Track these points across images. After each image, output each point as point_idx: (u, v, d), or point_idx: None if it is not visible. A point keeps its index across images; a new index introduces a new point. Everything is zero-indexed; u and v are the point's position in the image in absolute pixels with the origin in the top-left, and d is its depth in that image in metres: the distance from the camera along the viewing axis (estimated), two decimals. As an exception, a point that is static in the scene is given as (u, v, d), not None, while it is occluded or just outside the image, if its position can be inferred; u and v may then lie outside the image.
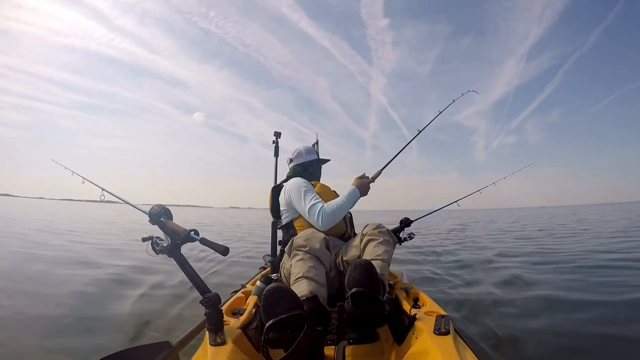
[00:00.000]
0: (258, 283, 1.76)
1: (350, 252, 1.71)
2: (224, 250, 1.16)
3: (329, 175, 2.55)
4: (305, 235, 1.55)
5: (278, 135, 2.67)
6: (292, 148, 2.22)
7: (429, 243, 7.59)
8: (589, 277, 3.76)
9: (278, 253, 2.17)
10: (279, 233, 2.17)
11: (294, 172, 2.12)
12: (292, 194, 1.90)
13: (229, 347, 1.07)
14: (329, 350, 1.23)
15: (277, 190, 2.11)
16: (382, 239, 1.63)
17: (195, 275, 1.17)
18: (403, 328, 1.32)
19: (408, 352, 1.16)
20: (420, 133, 2.25)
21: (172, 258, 1.16)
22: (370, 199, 2.01)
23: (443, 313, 1.29)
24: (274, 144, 2.66)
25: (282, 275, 1.79)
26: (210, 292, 1.14)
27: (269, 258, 2.35)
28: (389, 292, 1.71)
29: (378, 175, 2.05)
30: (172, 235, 1.15)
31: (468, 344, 1.16)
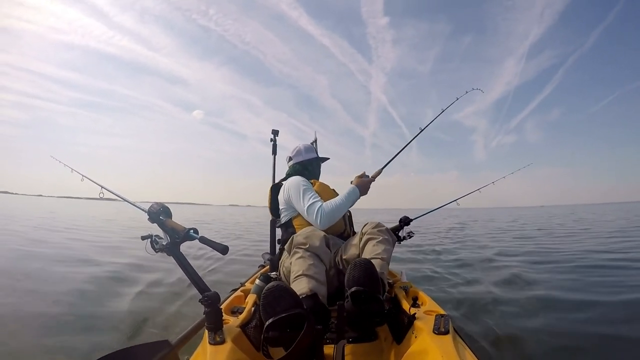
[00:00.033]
0: (257, 281, 1.75)
1: (350, 251, 1.70)
2: (224, 249, 1.15)
3: (329, 174, 2.54)
4: (306, 233, 1.54)
5: (276, 133, 2.67)
6: (291, 146, 2.20)
7: (428, 242, 7.60)
8: (587, 276, 3.77)
9: (277, 251, 2.16)
10: (278, 231, 2.16)
11: (294, 170, 2.11)
12: (291, 193, 1.89)
13: (228, 345, 1.07)
14: (329, 349, 1.23)
15: (276, 189, 2.10)
16: (381, 238, 1.62)
17: (195, 274, 1.17)
18: (402, 327, 1.32)
19: (407, 351, 1.16)
20: (421, 131, 2.24)
21: (171, 256, 1.16)
22: (370, 198, 2.00)
23: (442, 312, 1.29)
24: (272, 142, 2.65)
25: (281, 274, 1.79)
26: (210, 290, 1.14)
27: (268, 256, 2.34)
28: (388, 290, 1.71)
29: (378, 174, 2.04)
30: (171, 234, 1.15)
31: (467, 344, 1.16)
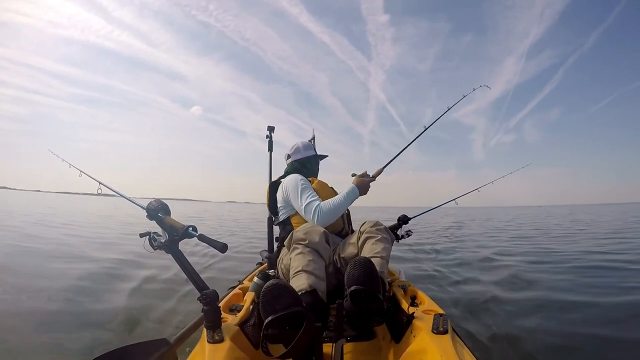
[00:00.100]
0: (255, 279, 1.74)
1: (348, 249, 1.69)
2: (222, 247, 1.14)
3: (327, 171, 2.53)
4: (305, 229, 1.54)
5: (272, 130, 2.66)
6: (290, 143, 2.19)
7: (427, 241, 7.62)
8: (583, 277, 3.80)
9: (275, 249, 2.16)
10: (276, 229, 2.15)
11: (292, 168, 2.10)
12: (289, 191, 1.88)
13: (227, 344, 1.06)
14: (327, 348, 1.23)
15: (274, 187, 2.09)
16: (380, 237, 1.61)
17: (193, 272, 1.16)
18: (401, 326, 1.32)
19: (406, 350, 1.16)
20: (421, 130, 2.23)
21: (169, 254, 1.15)
22: (368, 195, 1.99)
23: (441, 312, 1.29)
24: (268, 139, 2.65)
25: (279, 271, 1.78)
26: (208, 288, 1.13)
27: (266, 254, 2.34)
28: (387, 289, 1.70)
29: (379, 174, 2.02)
30: (169, 231, 1.14)
31: (466, 343, 1.16)
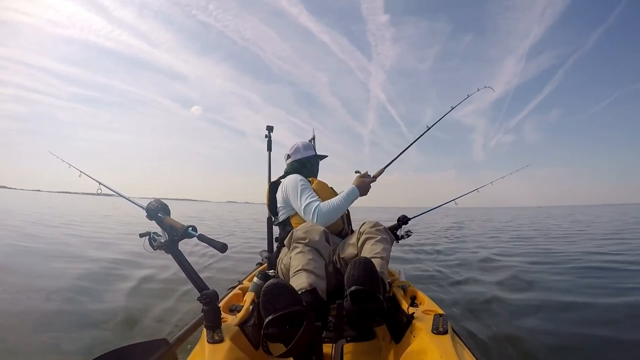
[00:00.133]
0: (255, 279, 1.74)
1: (347, 250, 1.69)
2: (222, 247, 1.14)
3: (328, 171, 2.53)
4: (305, 228, 1.54)
5: (270, 129, 2.66)
6: (290, 143, 2.18)
7: (427, 241, 7.62)
8: (582, 278, 3.80)
9: (274, 249, 2.16)
10: (276, 229, 2.15)
11: (292, 168, 2.10)
12: (288, 191, 1.88)
13: (227, 344, 1.06)
14: (327, 348, 1.23)
15: (274, 187, 2.08)
16: (379, 237, 1.61)
17: (193, 272, 1.16)
18: (401, 326, 1.32)
19: (406, 350, 1.16)
20: (421, 130, 2.23)
21: (169, 254, 1.15)
22: (368, 196, 1.99)
23: (441, 312, 1.29)
24: (267, 138, 2.65)
25: (279, 271, 1.78)
26: (208, 288, 1.13)
27: (266, 254, 2.34)
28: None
29: (380, 174, 2.02)
30: (169, 231, 1.14)
31: (466, 344, 1.16)
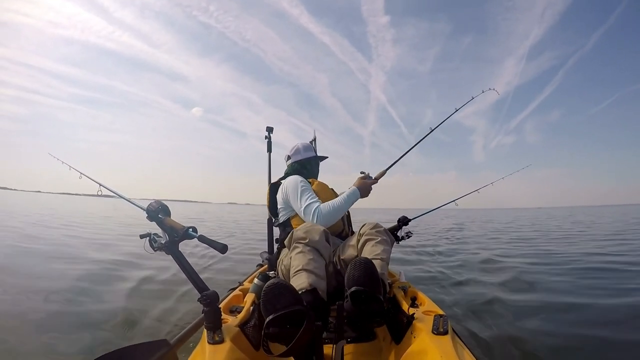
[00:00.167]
0: (256, 281, 1.75)
1: (348, 251, 1.69)
2: (223, 248, 1.15)
3: (328, 172, 2.53)
4: (305, 228, 1.54)
5: (270, 130, 2.66)
6: (290, 144, 2.19)
7: (427, 242, 7.62)
8: (583, 279, 3.79)
9: (275, 250, 2.16)
10: (276, 231, 2.16)
11: (292, 169, 2.10)
12: (288, 192, 1.88)
13: (227, 345, 1.06)
14: (328, 349, 1.23)
15: (275, 188, 2.09)
16: (380, 239, 1.61)
17: (193, 273, 1.16)
18: (401, 327, 1.32)
19: (407, 351, 1.16)
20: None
21: (170, 255, 1.15)
22: (369, 197, 1.99)
23: (441, 313, 1.29)
24: (267, 139, 2.66)
25: (279, 272, 1.78)
26: (208, 289, 1.13)
27: (266, 255, 2.34)
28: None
29: (382, 176, 2.01)
30: (170, 232, 1.14)
31: (466, 344, 1.16)
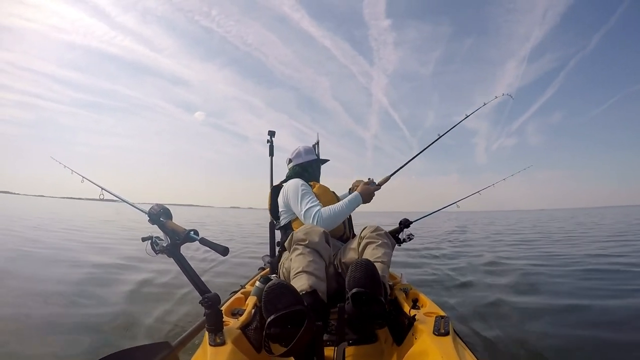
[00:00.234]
0: (257, 283, 1.75)
1: (348, 254, 1.69)
2: (224, 251, 1.15)
3: (330, 175, 2.53)
4: (305, 229, 1.55)
5: (272, 134, 2.67)
6: (292, 148, 2.19)
7: (428, 244, 7.60)
8: (585, 280, 3.78)
9: (276, 254, 2.16)
10: (278, 234, 2.16)
11: (293, 172, 2.11)
12: (289, 196, 1.88)
13: (229, 347, 1.06)
14: (329, 351, 1.22)
15: (276, 191, 2.09)
16: (380, 242, 1.62)
17: (195, 275, 1.17)
18: (402, 329, 1.32)
19: (408, 352, 1.16)
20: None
21: (171, 258, 1.16)
22: (372, 201, 1.99)
23: (442, 314, 1.29)
24: (269, 143, 2.67)
25: (280, 276, 1.79)
26: (210, 292, 1.14)
27: (268, 259, 2.34)
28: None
29: (386, 182, 2.01)
30: (171, 235, 1.15)
31: (467, 345, 1.16)
